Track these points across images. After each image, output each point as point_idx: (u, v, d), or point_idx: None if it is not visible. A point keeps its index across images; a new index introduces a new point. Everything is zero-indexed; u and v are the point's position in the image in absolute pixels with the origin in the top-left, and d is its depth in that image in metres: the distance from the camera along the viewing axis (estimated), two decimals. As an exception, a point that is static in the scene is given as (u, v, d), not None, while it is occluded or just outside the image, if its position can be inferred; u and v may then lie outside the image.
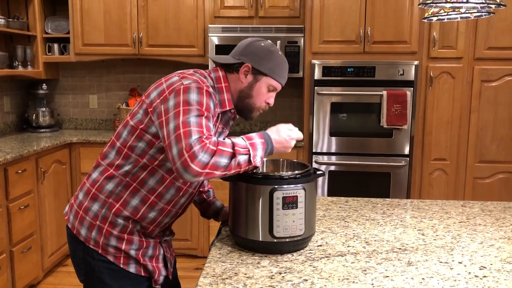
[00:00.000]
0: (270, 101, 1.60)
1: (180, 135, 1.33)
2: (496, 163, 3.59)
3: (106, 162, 1.54)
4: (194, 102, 1.39)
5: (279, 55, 1.57)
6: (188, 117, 1.36)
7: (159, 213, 1.56)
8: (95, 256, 1.54)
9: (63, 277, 3.48)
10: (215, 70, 1.58)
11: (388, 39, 3.50)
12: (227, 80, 1.56)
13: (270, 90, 1.58)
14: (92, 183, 1.55)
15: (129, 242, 1.54)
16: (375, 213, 1.94)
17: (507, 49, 3.48)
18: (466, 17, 1.84)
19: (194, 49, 3.88)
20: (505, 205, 2.09)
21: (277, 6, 3.80)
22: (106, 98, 4.38)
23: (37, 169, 3.24)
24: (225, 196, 1.61)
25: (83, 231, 1.54)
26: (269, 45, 1.57)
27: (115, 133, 1.57)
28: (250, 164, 1.38)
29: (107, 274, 1.55)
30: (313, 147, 3.60)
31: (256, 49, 1.55)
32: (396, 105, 3.46)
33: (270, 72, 1.54)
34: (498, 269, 1.38)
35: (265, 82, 1.55)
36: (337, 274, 1.32)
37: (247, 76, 1.55)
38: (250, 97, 1.56)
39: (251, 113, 1.60)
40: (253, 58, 1.53)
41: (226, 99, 1.55)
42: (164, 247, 1.68)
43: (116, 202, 1.51)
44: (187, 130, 1.33)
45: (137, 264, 1.57)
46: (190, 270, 3.58)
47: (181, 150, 1.31)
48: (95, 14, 3.88)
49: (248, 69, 1.54)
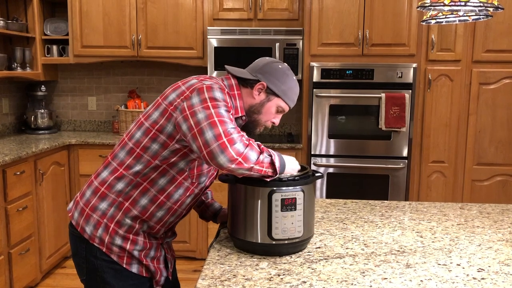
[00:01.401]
0: (275, 121, 1.68)
1: (216, 122, 1.37)
2: (494, 165, 3.60)
3: (117, 162, 1.55)
4: (220, 99, 1.44)
5: (293, 79, 1.63)
6: (219, 110, 1.41)
7: (166, 212, 1.58)
8: (98, 255, 1.55)
9: (61, 279, 3.47)
10: (228, 78, 1.62)
11: (387, 42, 3.51)
12: (239, 89, 1.61)
13: (279, 111, 1.64)
14: (102, 182, 1.56)
15: (133, 242, 1.56)
16: (374, 215, 1.94)
17: (505, 52, 3.49)
18: (464, 20, 1.85)
19: (193, 51, 3.89)
20: (503, 207, 2.09)
21: (276, 8, 3.81)
22: (105, 100, 4.38)
23: (36, 171, 3.24)
24: (224, 198, 1.61)
25: (88, 228, 1.55)
26: (285, 68, 1.63)
27: (127, 133, 1.59)
28: (271, 167, 1.42)
29: (110, 273, 1.56)
30: (312, 149, 3.61)
31: (273, 69, 1.61)
32: (395, 108, 3.47)
33: (282, 94, 1.61)
34: (496, 271, 1.39)
35: (275, 103, 1.62)
36: (335, 276, 1.33)
37: (260, 94, 1.61)
38: (259, 113, 1.62)
39: (256, 128, 1.67)
40: (269, 78, 1.59)
41: (239, 106, 1.60)
42: (165, 248, 1.70)
43: (126, 201, 1.53)
44: (222, 119, 1.39)
45: (140, 265, 1.59)
46: (189, 272, 3.58)
47: (219, 134, 1.36)
48: (94, 16, 3.88)
49: (262, 87, 1.59)
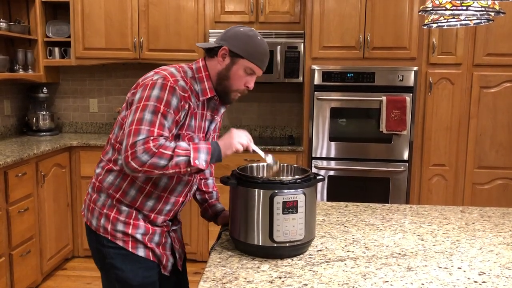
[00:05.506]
0: (249, 85, 1.62)
1: (131, 131, 1.44)
2: (494, 169, 3.60)
3: (106, 158, 1.65)
4: (154, 98, 1.47)
5: (257, 39, 1.59)
6: (144, 114, 1.45)
7: (157, 201, 1.61)
8: (105, 243, 1.61)
9: (62, 280, 3.47)
10: (197, 62, 1.65)
11: (388, 45, 3.52)
12: (207, 69, 1.61)
13: (248, 73, 1.59)
14: (96, 177, 1.67)
15: (135, 227, 1.60)
16: (375, 218, 1.94)
17: (506, 56, 3.50)
18: (466, 24, 1.85)
19: (194, 54, 3.89)
20: (504, 211, 2.09)
21: (277, 11, 3.82)
22: (106, 102, 4.39)
23: (37, 172, 3.24)
24: (226, 200, 1.62)
25: (94, 221, 1.64)
26: (248, 30, 1.60)
27: (111, 130, 1.68)
28: (190, 166, 1.44)
29: (118, 258, 1.61)
30: (313, 152, 3.61)
31: (235, 33, 1.60)
32: (396, 111, 3.47)
33: (247, 55, 1.57)
34: (497, 274, 1.39)
35: (242, 64, 1.58)
36: (336, 279, 1.33)
37: (224, 59, 1.59)
38: (228, 79, 1.60)
39: (229, 95, 1.63)
40: (231, 41, 1.58)
41: (207, 87, 1.60)
42: (172, 237, 1.72)
43: (116, 192, 1.60)
44: (138, 127, 1.44)
45: (145, 248, 1.62)
46: (190, 274, 3.53)
47: (127, 145, 1.44)
48: (96, 18, 3.89)
49: (225, 51, 1.58)
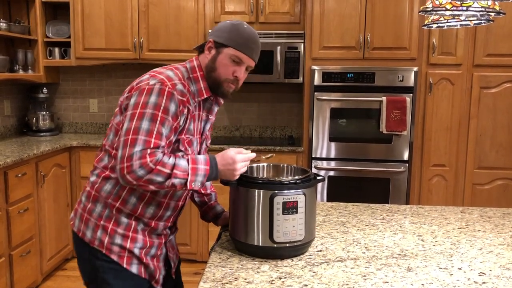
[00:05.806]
0: (237, 74, 1.56)
1: (127, 141, 1.40)
2: (495, 169, 3.60)
3: (101, 165, 1.59)
4: (151, 104, 1.44)
5: (244, 28, 1.55)
6: (141, 122, 1.41)
7: (158, 207, 1.58)
8: (99, 256, 1.56)
9: (62, 281, 3.47)
10: (191, 61, 1.62)
11: (388, 46, 3.52)
12: (201, 69, 1.59)
13: (235, 61, 1.55)
14: (92, 186, 1.59)
15: (133, 240, 1.56)
16: (375, 219, 1.94)
17: (506, 56, 3.50)
18: (466, 25, 1.85)
19: (194, 54, 3.87)
20: (504, 211, 2.09)
21: (277, 12, 3.82)
22: (106, 102, 4.39)
23: (37, 172, 3.24)
24: (226, 200, 1.61)
25: (88, 232, 1.57)
26: (234, 21, 1.58)
27: (104, 137, 1.62)
28: (186, 187, 1.43)
29: (111, 273, 1.56)
30: (313, 152, 3.61)
31: (220, 25, 1.59)
32: (396, 111, 3.47)
33: (231, 42, 1.53)
34: (497, 275, 1.39)
35: (226, 53, 1.54)
36: (336, 280, 1.33)
37: (211, 51, 1.57)
38: (214, 69, 1.56)
39: (220, 87, 1.57)
40: (216, 33, 1.57)
41: (202, 87, 1.57)
42: (167, 247, 1.70)
43: (116, 201, 1.54)
44: (135, 138, 1.39)
45: (140, 264, 1.58)
46: (190, 274, 3.57)
47: (123, 157, 1.39)
48: (96, 18, 3.89)
49: (211, 44, 1.57)
